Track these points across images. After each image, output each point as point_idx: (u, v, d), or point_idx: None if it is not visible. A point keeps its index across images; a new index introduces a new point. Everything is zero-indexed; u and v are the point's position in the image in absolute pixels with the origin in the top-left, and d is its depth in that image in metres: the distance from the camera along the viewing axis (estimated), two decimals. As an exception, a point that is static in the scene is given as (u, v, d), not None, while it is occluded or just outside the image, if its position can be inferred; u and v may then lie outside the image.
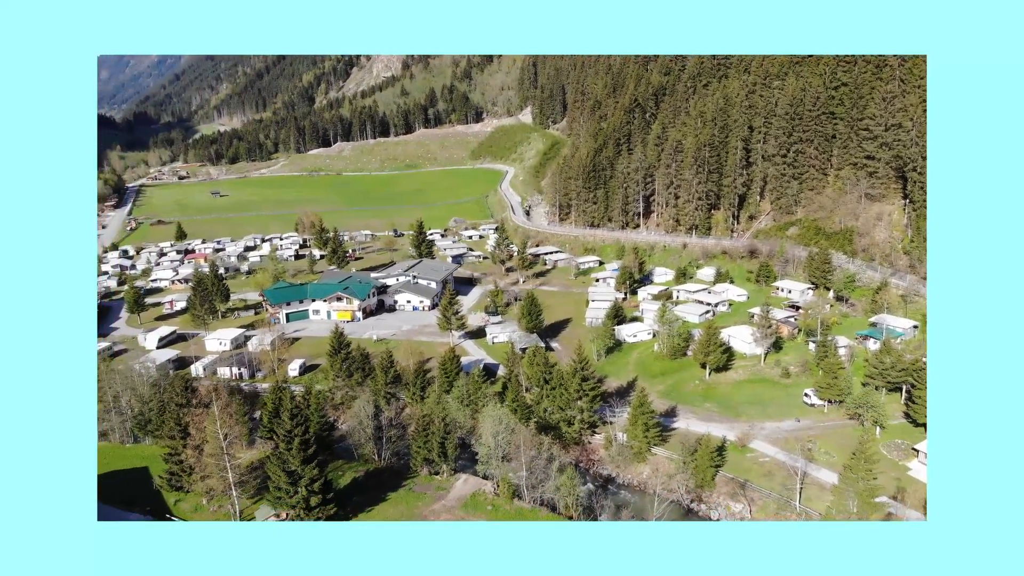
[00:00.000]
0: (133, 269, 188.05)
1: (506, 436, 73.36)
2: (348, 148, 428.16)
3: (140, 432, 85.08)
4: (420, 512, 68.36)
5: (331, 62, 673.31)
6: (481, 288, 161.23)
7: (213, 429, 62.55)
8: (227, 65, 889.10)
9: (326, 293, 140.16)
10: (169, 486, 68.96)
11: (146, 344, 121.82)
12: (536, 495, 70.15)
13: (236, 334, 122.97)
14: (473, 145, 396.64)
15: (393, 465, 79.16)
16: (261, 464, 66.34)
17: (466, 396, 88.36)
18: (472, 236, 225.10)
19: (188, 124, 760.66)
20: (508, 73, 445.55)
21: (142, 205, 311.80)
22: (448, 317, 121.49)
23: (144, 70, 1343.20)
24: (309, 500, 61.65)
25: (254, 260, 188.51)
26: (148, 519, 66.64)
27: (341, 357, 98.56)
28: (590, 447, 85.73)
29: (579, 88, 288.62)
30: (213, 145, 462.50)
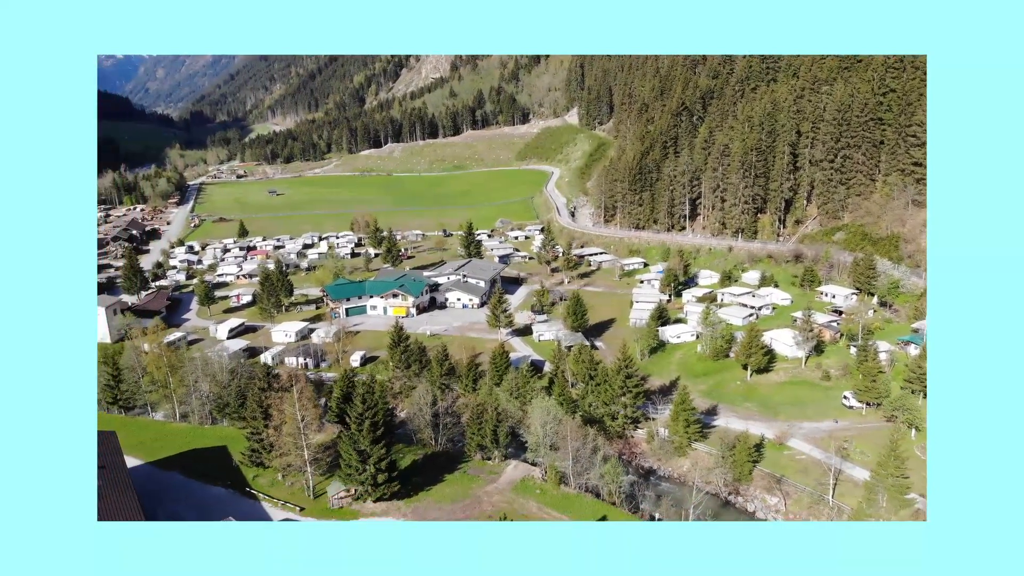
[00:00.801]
0: (199, 264, 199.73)
1: (553, 426, 78.50)
2: (398, 149, 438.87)
3: (218, 414, 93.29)
4: (474, 492, 74.22)
5: (381, 63, 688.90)
6: (527, 288, 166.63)
7: (292, 411, 69.67)
8: (280, 66, 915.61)
9: (383, 290, 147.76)
10: (250, 462, 76.48)
11: (217, 334, 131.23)
12: (581, 482, 75.17)
13: (300, 327, 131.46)
14: (519, 146, 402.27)
15: (448, 450, 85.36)
16: (332, 444, 73.10)
17: (515, 389, 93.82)
18: (518, 237, 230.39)
19: (243, 123, 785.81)
20: (555, 74, 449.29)
21: (203, 203, 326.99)
22: (497, 315, 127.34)
23: (199, 70, 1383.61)
24: (376, 477, 68.19)
25: (313, 257, 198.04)
26: (230, 491, 74.25)
27: (400, 350, 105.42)
28: (632, 441, 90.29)
29: (626, 90, 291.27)
30: (269, 145, 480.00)
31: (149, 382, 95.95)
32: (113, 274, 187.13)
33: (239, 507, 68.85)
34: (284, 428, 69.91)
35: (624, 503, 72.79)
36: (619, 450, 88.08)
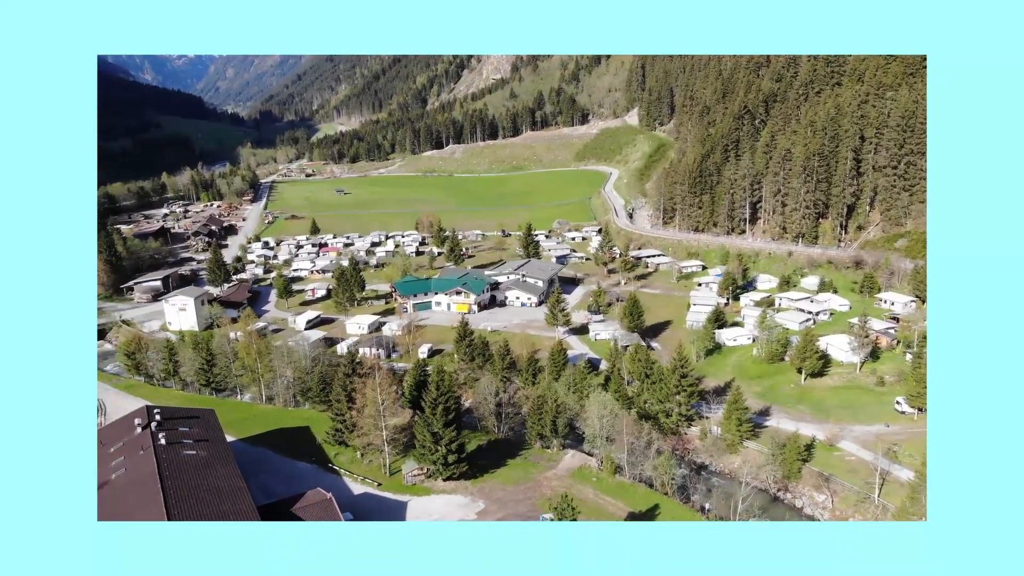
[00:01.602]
0: (275, 259, 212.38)
1: (610, 420, 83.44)
2: (459, 150, 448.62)
3: (301, 398, 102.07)
4: (535, 477, 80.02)
5: (443, 64, 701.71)
6: (584, 288, 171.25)
7: (372, 395, 77.05)
8: (346, 67, 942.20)
9: (447, 287, 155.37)
10: (333, 441, 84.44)
11: (296, 325, 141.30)
12: (636, 472, 79.96)
13: (372, 319, 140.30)
14: (578, 147, 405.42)
15: (510, 437, 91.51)
16: (407, 427, 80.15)
17: (573, 384, 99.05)
18: (575, 238, 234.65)
19: (310, 123, 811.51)
20: (616, 75, 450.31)
21: (275, 200, 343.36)
22: (555, 313, 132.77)
23: (267, 69, 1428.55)
24: (447, 458, 74.86)
25: (381, 255, 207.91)
26: (314, 466, 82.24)
27: (465, 343, 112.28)
28: (686, 437, 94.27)
29: (688, 92, 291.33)
30: (336, 145, 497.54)
31: (240, 367, 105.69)
32: (196, 267, 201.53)
33: (323, 481, 76.42)
34: (365, 410, 77.38)
35: (676, 494, 77.22)
36: (672, 445, 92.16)
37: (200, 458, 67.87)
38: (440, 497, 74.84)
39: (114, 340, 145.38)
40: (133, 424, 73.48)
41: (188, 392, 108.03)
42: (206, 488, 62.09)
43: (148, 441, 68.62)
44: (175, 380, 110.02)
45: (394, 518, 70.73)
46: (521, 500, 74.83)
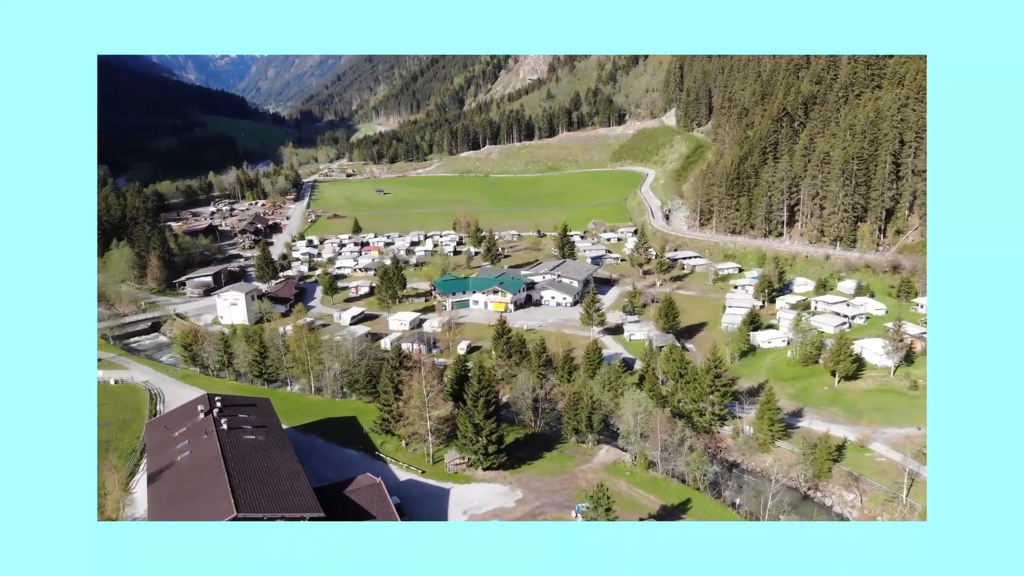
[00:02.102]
0: (319, 257, 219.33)
1: (644, 417, 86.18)
2: (496, 151, 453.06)
3: (348, 389, 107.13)
4: (570, 470, 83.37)
5: (480, 65, 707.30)
6: (619, 289, 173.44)
7: (418, 387, 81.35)
8: (384, 67, 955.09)
9: (484, 286, 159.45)
10: (380, 430, 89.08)
11: (341, 321, 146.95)
12: (668, 468, 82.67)
13: (413, 316, 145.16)
14: (615, 147, 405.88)
15: (546, 432, 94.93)
16: (448, 418, 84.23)
17: (608, 382, 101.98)
18: (611, 239, 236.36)
19: (349, 123, 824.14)
20: (653, 75, 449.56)
21: (317, 199, 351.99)
22: (590, 313, 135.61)
23: (307, 70, 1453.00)
24: (487, 448, 78.74)
25: (420, 254, 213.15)
26: (362, 453, 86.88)
27: (503, 341, 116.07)
28: (718, 436, 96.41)
29: (726, 93, 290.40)
30: (375, 145, 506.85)
31: (291, 359, 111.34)
32: (244, 263, 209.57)
33: (370, 468, 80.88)
34: (411, 402, 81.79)
35: (707, 490, 79.71)
36: (705, 444, 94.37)
37: (259, 443, 73.01)
38: (480, 485, 78.74)
39: (168, 332, 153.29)
40: (196, 410, 79.07)
41: (241, 382, 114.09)
42: (266, 470, 67.04)
43: (211, 426, 73.97)
44: (229, 371, 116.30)
45: (437, 504, 74.86)
46: (558, 491, 78.24)
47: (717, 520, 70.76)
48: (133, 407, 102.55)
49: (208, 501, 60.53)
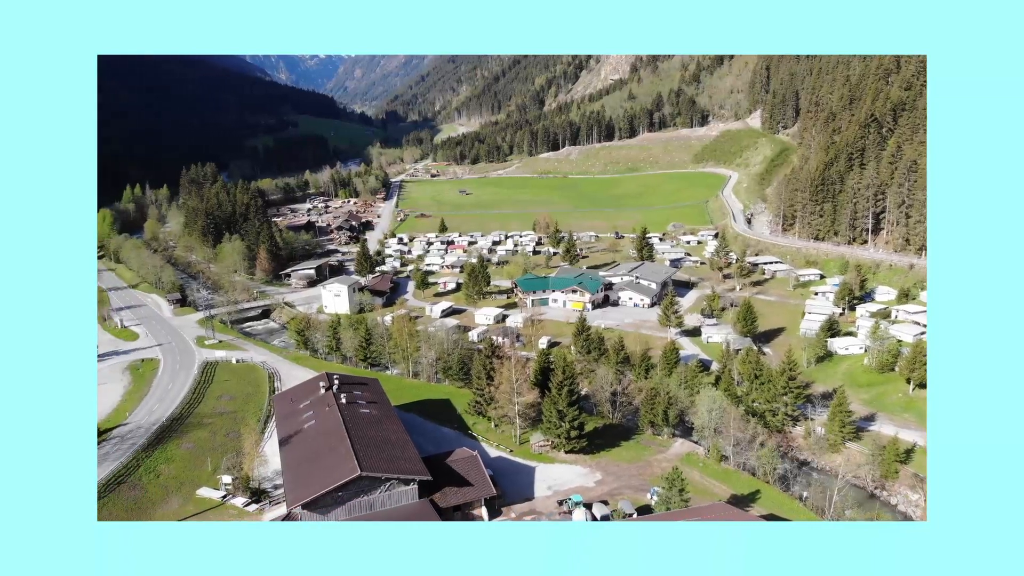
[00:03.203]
0: (409, 253, 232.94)
1: (718, 414, 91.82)
2: (575, 152, 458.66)
3: (442, 375, 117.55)
4: (646, 458, 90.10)
5: (562, 66, 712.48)
6: (698, 292, 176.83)
7: (508, 375, 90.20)
8: (467, 68, 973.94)
9: (564, 285, 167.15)
10: (474, 412, 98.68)
11: (432, 314, 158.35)
12: (740, 461, 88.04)
13: (497, 312, 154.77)
14: (697, 149, 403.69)
15: (623, 423, 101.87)
16: (535, 404, 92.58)
17: (685, 380, 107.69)
18: (690, 241, 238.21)
19: (432, 124, 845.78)
20: (738, 76, 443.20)
21: (405, 199, 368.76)
22: (668, 315, 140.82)
23: (392, 70, 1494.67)
24: (570, 432, 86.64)
25: (501, 253, 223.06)
26: (456, 432, 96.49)
27: (583, 337, 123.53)
28: (790, 435, 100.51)
29: (813, 97, 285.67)
30: (458, 146, 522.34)
31: (392, 346, 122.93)
32: (341, 258, 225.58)
33: (465, 444, 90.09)
34: (502, 387, 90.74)
35: (776, 483, 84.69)
36: (777, 442, 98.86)
37: (372, 415, 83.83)
38: (562, 466, 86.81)
39: (277, 319, 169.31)
40: (317, 386, 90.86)
41: (347, 365, 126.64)
42: (380, 439, 77.52)
43: (331, 400, 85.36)
44: (336, 355, 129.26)
45: (524, 479, 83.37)
46: (634, 475, 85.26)
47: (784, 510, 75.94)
48: (254, 383, 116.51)
49: (334, 462, 71.26)
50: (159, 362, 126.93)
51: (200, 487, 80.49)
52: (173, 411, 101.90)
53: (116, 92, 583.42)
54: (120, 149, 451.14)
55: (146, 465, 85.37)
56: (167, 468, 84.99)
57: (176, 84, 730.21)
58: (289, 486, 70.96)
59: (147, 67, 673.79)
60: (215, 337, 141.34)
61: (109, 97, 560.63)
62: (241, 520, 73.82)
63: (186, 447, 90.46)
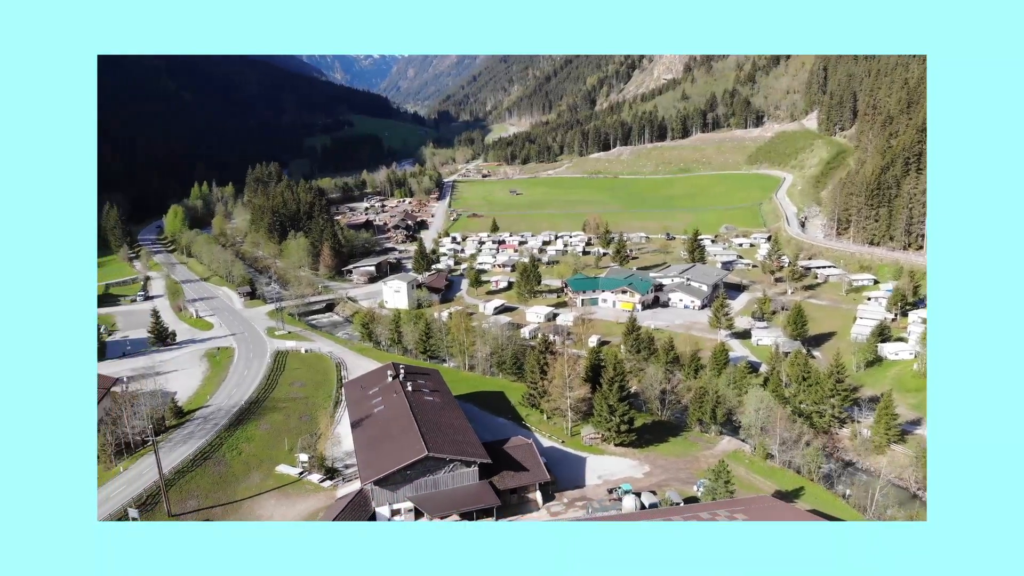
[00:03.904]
0: (462, 252, 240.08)
1: (765, 413, 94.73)
2: (626, 152, 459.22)
3: (497, 369, 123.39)
4: (693, 454, 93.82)
5: (614, 65, 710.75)
6: (749, 295, 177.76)
7: (561, 370, 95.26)
8: (519, 68, 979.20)
9: (614, 286, 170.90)
10: (527, 404, 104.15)
11: (485, 311, 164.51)
12: (785, 459, 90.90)
13: (548, 310, 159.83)
14: (751, 150, 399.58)
15: (672, 420, 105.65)
16: (585, 399, 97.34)
17: (733, 380, 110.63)
18: (742, 244, 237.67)
19: (483, 124, 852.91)
20: (795, 77, 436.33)
21: (457, 199, 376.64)
22: (719, 317, 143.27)
23: (444, 70, 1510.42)
24: (619, 426, 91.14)
25: (551, 253, 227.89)
26: (511, 422, 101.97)
27: (633, 337, 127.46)
28: (836, 436, 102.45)
29: (871, 100, 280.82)
30: (509, 147, 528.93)
31: (450, 340, 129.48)
32: (398, 255, 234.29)
33: (519, 433, 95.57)
34: (555, 381, 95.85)
35: (820, 481, 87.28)
36: (823, 443, 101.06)
37: (436, 403, 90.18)
38: (612, 458, 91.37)
39: (340, 313, 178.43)
40: (385, 374, 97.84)
41: (408, 357, 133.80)
42: (444, 424, 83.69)
43: (399, 387, 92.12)
44: (397, 347, 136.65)
45: (576, 469, 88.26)
46: (681, 469, 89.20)
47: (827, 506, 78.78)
48: (322, 371, 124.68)
49: (403, 444, 77.72)
50: (234, 350, 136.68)
51: (278, 464, 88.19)
52: (250, 395, 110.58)
53: (180, 93, 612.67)
54: (186, 148, 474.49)
55: (228, 443, 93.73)
56: (248, 447, 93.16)
57: (238, 85, 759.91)
58: (362, 464, 77.72)
59: (210, 68, 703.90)
60: (284, 328, 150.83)
61: (174, 97, 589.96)
62: (309, 493, 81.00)
63: (264, 428, 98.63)
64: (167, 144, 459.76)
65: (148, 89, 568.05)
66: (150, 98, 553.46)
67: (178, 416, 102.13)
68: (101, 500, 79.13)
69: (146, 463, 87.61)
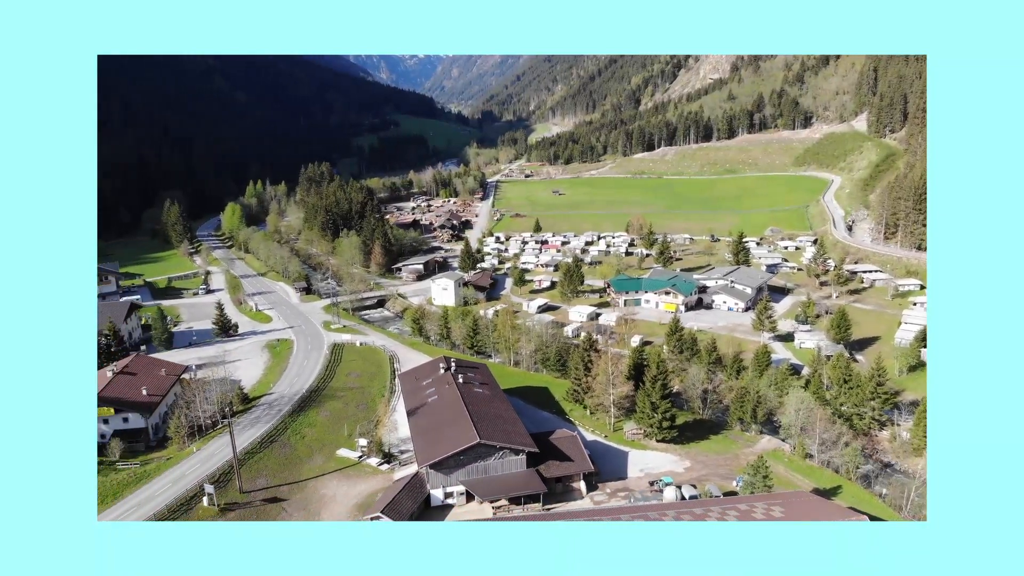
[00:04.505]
0: (505, 252, 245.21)
1: (805, 413, 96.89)
2: (671, 152, 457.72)
3: (541, 365, 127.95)
4: (733, 451, 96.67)
5: (659, 65, 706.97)
6: (793, 298, 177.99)
7: (604, 367, 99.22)
8: (563, 67, 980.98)
9: (657, 287, 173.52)
10: (571, 399, 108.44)
11: (528, 309, 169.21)
12: (824, 458, 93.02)
13: (590, 310, 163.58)
14: (798, 151, 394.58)
15: (712, 419, 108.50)
16: (628, 396, 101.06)
17: (775, 382, 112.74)
18: (788, 247, 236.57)
19: (526, 123, 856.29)
20: (844, 77, 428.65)
21: (500, 199, 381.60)
22: (762, 319, 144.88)
23: (488, 69, 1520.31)
24: (661, 423, 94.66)
25: (594, 253, 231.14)
26: (555, 416, 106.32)
27: (676, 337, 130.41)
28: (876, 439, 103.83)
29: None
30: (552, 147, 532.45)
31: (497, 336, 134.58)
32: (445, 254, 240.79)
33: (564, 426, 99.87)
34: (598, 378, 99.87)
35: (858, 480, 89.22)
36: (862, 445, 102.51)
37: (485, 395, 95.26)
38: (654, 452, 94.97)
39: (391, 308, 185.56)
40: (438, 367, 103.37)
41: (456, 351, 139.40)
42: (494, 414, 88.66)
43: (450, 379, 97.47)
44: (446, 342, 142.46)
45: (618, 462, 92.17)
46: (721, 465, 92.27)
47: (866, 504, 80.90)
48: (376, 363, 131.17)
49: (456, 431, 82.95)
50: (293, 342, 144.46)
51: (339, 448, 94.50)
52: (310, 384, 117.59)
53: (234, 93, 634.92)
54: (240, 147, 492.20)
55: (292, 428, 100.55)
56: (310, 431, 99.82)
57: (288, 85, 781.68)
58: (418, 449, 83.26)
59: (261, 69, 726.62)
60: (339, 322, 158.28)
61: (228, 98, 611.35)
62: (368, 475, 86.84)
63: (324, 415, 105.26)
64: (222, 143, 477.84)
65: (203, 90, 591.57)
66: (205, 99, 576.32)
67: (244, 402, 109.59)
68: (177, 477, 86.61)
69: (216, 444, 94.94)
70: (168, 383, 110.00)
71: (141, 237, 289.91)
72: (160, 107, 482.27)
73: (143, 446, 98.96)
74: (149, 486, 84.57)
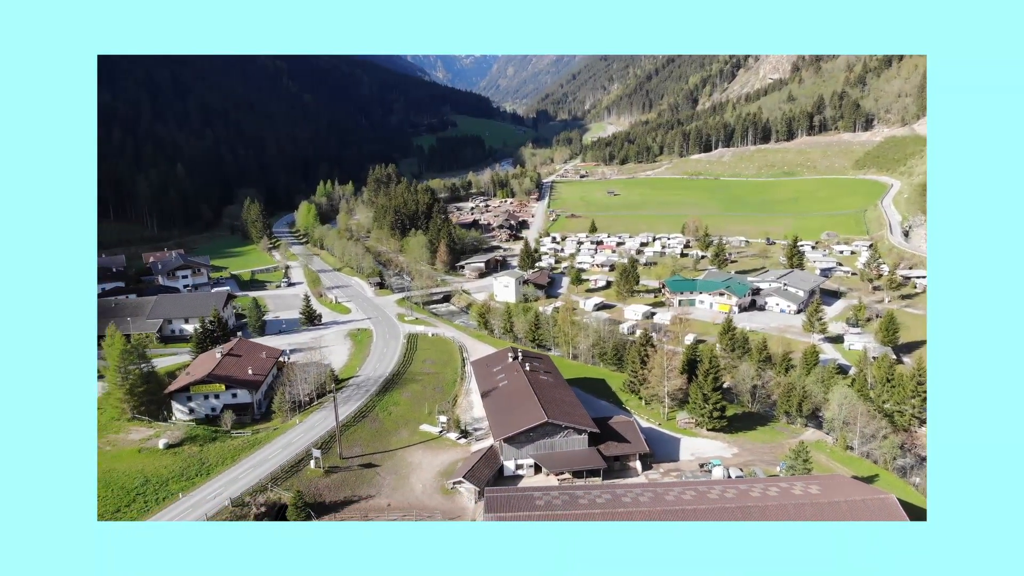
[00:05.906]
0: (561, 252, 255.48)
1: (848, 408, 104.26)
2: (728, 154, 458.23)
3: (598, 359, 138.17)
4: (779, 441, 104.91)
5: (718, 64, 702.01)
6: (845, 302, 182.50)
7: (659, 361, 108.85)
8: (619, 66, 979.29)
9: (712, 288, 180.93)
10: (628, 390, 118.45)
11: (585, 307, 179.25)
12: (864, 451, 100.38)
13: (645, 309, 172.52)
14: (858, 155, 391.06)
15: (760, 412, 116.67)
16: (681, 389, 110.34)
17: (821, 380, 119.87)
18: (843, 251, 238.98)
19: (581, 123, 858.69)
20: (907, 79, 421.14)
21: (556, 199, 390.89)
22: (812, 321, 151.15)
23: (543, 68, 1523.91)
24: (712, 413, 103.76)
25: (649, 254, 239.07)
26: (612, 405, 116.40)
27: (728, 336, 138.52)
28: (915, 435, 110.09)
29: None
30: (608, 147, 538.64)
31: (556, 331, 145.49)
32: (503, 253, 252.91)
33: (620, 413, 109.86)
34: (654, 371, 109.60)
35: (895, 471, 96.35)
36: (902, 440, 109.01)
37: (550, 381, 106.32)
38: (704, 439, 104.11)
39: (456, 303, 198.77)
40: (506, 356, 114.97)
41: (518, 344, 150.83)
42: (558, 400, 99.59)
43: (518, 367, 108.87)
44: (509, 335, 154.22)
45: (671, 447, 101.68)
46: (766, 452, 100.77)
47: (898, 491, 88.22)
48: (447, 352, 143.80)
49: (525, 411, 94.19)
50: (372, 332, 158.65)
51: (421, 424, 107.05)
52: (391, 369, 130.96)
53: (301, 95, 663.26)
54: (308, 147, 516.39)
55: (380, 406, 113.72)
56: (395, 409, 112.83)
57: (351, 86, 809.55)
58: (493, 424, 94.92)
59: (327, 71, 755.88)
60: (412, 315, 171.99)
61: (296, 99, 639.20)
62: (448, 447, 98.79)
63: (406, 395, 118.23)
64: (292, 143, 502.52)
65: (272, 91, 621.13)
66: (275, 99, 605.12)
67: (335, 383, 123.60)
68: (285, 444, 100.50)
69: (315, 418, 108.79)
70: (269, 364, 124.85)
71: (221, 233, 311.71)
72: (234, 108, 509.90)
73: (249, 419, 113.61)
74: (262, 451, 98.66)
